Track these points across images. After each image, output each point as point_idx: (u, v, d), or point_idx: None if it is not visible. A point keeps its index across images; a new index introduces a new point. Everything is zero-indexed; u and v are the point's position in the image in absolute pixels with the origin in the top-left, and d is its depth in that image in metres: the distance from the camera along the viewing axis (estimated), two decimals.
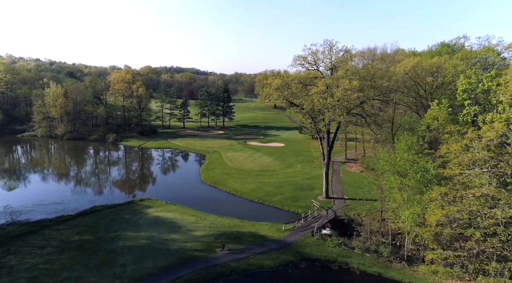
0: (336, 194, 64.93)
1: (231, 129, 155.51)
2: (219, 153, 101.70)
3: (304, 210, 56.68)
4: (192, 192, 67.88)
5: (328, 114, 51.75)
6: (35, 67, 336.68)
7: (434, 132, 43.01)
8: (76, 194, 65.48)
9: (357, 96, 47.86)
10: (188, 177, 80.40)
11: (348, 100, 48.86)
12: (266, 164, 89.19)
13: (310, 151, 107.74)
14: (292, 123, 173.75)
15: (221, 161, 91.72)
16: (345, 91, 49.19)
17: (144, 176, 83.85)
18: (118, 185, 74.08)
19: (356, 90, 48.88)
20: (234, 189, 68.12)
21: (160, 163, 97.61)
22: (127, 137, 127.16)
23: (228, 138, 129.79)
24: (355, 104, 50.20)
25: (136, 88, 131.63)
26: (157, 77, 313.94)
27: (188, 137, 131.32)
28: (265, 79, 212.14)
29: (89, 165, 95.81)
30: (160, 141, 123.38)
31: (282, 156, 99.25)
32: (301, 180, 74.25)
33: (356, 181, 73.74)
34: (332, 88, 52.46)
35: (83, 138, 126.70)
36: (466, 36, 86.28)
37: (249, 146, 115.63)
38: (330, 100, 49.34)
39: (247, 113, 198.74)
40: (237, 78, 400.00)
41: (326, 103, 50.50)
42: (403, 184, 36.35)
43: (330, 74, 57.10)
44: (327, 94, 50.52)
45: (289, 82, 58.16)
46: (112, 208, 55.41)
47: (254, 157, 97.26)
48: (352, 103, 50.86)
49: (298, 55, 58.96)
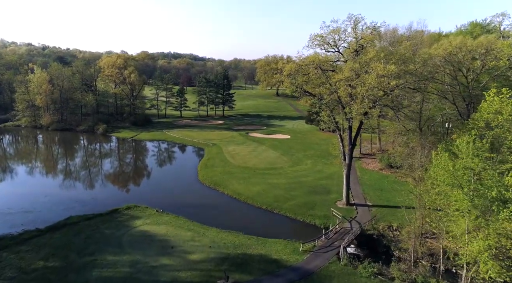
0: (357, 198, 55.47)
1: (232, 118, 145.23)
2: (219, 147, 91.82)
3: (323, 221, 47.29)
4: (188, 196, 58.29)
5: (356, 107, 41.66)
6: (26, 52, 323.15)
7: (498, 130, 33.44)
8: (52, 199, 55.68)
9: (396, 84, 37.68)
10: (184, 175, 70.69)
11: (384, 88, 38.71)
12: (272, 160, 79.45)
13: (319, 144, 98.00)
14: (296, 112, 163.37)
15: (222, 156, 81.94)
16: (378, 78, 39.03)
17: (134, 175, 73.86)
18: (102, 187, 64.19)
19: (394, 77, 38.75)
20: (238, 192, 58.57)
21: (153, 159, 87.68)
22: (118, 128, 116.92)
23: (228, 129, 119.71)
24: (388, 93, 39.96)
25: (128, 74, 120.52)
26: (153, 63, 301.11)
27: (185, 128, 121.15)
28: (268, 65, 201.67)
29: (71, 162, 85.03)
30: (155, 132, 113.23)
31: (289, 150, 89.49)
32: (314, 180, 64.72)
33: (377, 182, 64.38)
34: (360, 74, 42.22)
35: (71, 129, 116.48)
36: (505, 14, 74.29)
37: (251, 138, 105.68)
38: (360, 89, 39.16)
39: (248, 101, 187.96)
40: (236, 64, 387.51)
41: (356, 92, 40.37)
42: (474, 203, 26.72)
43: (355, 56, 46.67)
44: (357, 82, 40.22)
45: (305, 68, 47.79)
46: (91, 219, 45.82)
47: (258, 151, 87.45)
48: (385, 92, 40.75)
49: (316, 34, 48.46)
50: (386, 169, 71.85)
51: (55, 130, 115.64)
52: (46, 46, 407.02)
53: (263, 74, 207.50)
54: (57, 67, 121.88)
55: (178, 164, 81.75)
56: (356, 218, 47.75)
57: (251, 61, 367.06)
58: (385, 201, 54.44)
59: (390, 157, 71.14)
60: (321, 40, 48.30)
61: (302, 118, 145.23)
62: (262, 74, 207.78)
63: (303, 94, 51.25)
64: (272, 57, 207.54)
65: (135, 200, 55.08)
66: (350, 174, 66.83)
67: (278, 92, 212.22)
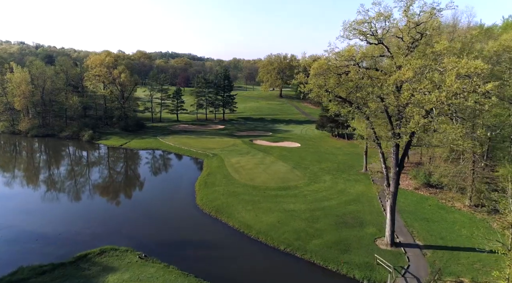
0: (401, 234, 42.96)
1: (233, 123, 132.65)
2: (221, 158, 79.27)
3: (365, 273, 34.78)
4: (183, 230, 45.60)
5: (418, 121, 29.13)
6: (18, 50, 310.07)
7: None
8: (4, 234, 42.78)
9: (491, 88, 25.13)
10: (179, 197, 58.03)
11: (468, 94, 26.15)
12: (284, 175, 66.96)
13: (335, 154, 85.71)
14: (303, 115, 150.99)
15: (224, 170, 69.38)
16: (460, 79, 26.56)
17: (117, 198, 59.89)
18: (74, 216, 49.79)
19: (483, 77, 26.33)
20: (246, 223, 46.05)
21: (142, 174, 74.45)
22: (107, 134, 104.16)
23: (230, 135, 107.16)
24: (481, 102, 27.25)
25: (117, 73, 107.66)
26: (150, 62, 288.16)
27: (182, 134, 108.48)
28: (270, 65, 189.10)
29: (39, 180, 68.51)
30: (147, 139, 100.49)
31: (302, 162, 77.06)
32: (340, 204, 52.25)
33: (417, 207, 51.93)
34: (426, 73, 29.69)
35: (53, 135, 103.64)
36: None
37: (256, 146, 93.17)
38: (436, 95, 26.58)
39: (250, 103, 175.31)
40: (235, 64, 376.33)
41: (423, 100, 27.81)
42: None
43: (409, 49, 34.01)
44: (427, 85, 27.53)
45: (341, 65, 35.32)
46: (47, 274, 33.17)
47: (266, 164, 74.94)
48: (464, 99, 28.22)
49: (354, 21, 35.92)
50: (423, 188, 59.51)
51: (35, 137, 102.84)
52: (40, 45, 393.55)
53: (265, 74, 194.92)
54: (39, 65, 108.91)
55: (172, 181, 68.62)
56: (409, 269, 35.33)
57: (250, 61, 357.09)
58: (438, 238, 42.01)
59: (430, 174, 58.75)
60: (360, 28, 35.79)
61: (310, 122, 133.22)
62: (265, 74, 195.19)
63: (336, 101, 38.55)
64: (275, 56, 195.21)
65: (114, 236, 42.59)
66: (380, 195, 54.86)
67: (281, 94, 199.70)
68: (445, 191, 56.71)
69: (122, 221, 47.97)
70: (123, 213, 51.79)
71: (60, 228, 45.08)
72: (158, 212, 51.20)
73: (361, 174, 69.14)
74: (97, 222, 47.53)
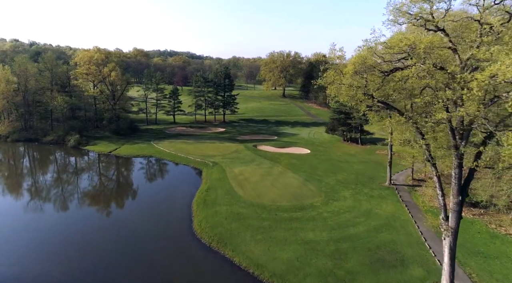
0: (456, 277, 33.33)
1: (234, 125, 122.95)
2: (222, 167, 69.67)
3: None
4: (176, 277, 35.87)
5: None
6: (11, 48, 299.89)
7: None
8: None
9: None
10: (173, 221, 48.14)
11: None
12: (296, 191, 57.38)
13: (350, 162, 76.28)
14: (309, 117, 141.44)
15: (226, 184, 59.79)
16: None
17: (96, 225, 47.81)
18: (32, 254, 39.18)
19: None
20: (256, 261, 36.39)
21: (129, 189, 64.21)
22: (95, 139, 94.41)
23: (231, 140, 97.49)
24: None
25: (107, 72, 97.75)
26: (146, 60, 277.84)
27: (179, 138, 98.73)
28: (273, 63, 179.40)
29: (8, 201, 55.85)
30: (140, 144, 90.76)
31: (314, 173, 67.57)
32: (369, 231, 42.67)
33: (468, 235, 42.09)
34: None
35: (37, 140, 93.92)
36: None
37: (261, 153, 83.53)
38: None
39: (252, 104, 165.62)
40: (235, 63, 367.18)
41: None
42: None
43: (493, 35, 24.31)
44: None
45: (392, 60, 25.73)
46: None
47: (274, 175, 65.38)
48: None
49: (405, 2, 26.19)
50: (465, 209, 49.95)
51: (16, 142, 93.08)
52: (35, 42, 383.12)
53: (267, 73, 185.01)
54: (21, 62, 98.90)
55: (165, 198, 58.16)
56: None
57: (250, 60, 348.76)
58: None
59: (472, 192, 49.23)
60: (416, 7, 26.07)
61: (317, 124, 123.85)
62: (267, 73, 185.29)
63: (381, 107, 28.84)
64: (278, 53, 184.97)
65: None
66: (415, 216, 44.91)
67: (284, 93, 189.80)
68: (492, 212, 47.36)
69: (98, 263, 37.56)
70: (101, 252, 39.88)
71: (14, 270, 35.21)
72: (146, 246, 41.26)
73: (385, 188, 59.64)
74: (66, 261, 37.66)
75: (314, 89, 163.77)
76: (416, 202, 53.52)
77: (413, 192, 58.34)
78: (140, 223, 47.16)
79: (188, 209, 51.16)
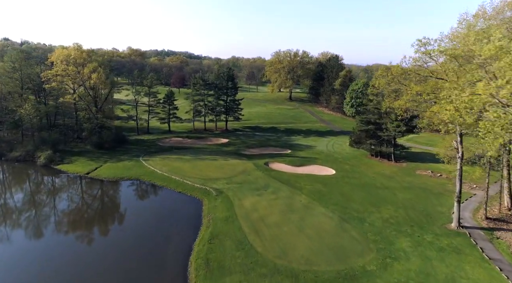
0: None
1: (238, 134, 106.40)
2: (228, 198, 53.35)
3: None
4: None
5: None
6: (0, 47, 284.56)
7: None
8: None
9: None
10: None
11: None
12: (334, 241, 40.99)
13: (390, 188, 60.36)
14: (322, 124, 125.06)
15: (236, 229, 43.39)
16: None
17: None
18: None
19: None
20: None
21: (100, 239, 46.44)
22: (73, 155, 77.64)
23: (237, 155, 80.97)
24: None
25: (87, 73, 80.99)
26: (142, 60, 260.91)
27: (174, 153, 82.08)
28: (280, 63, 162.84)
29: None
30: (126, 162, 74.04)
31: (349, 205, 51.54)
32: None
33: None
34: None
35: (2, 155, 77.10)
36: None
37: (276, 174, 67.09)
38: None
39: (256, 108, 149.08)
40: (234, 63, 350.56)
41: None
42: None
43: None
44: None
45: None
46: None
47: (298, 211, 49.10)
48: None
49: None
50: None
51: None
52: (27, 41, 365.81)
53: (273, 74, 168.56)
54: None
55: (150, 253, 40.10)
56: None
57: (250, 60, 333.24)
58: None
59: None
60: None
61: (333, 133, 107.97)
62: (272, 74, 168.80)
63: None
64: (285, 52, 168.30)
65: None
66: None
67: (291, 96, 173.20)
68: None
69: None
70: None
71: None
72: None
73: (454, 234, 43.47)
74: None
75: (326, 92, 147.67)
76: (510, 261, 37.32)
77: (495, 240, 42.15)
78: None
79: (182, 277, 34.69)
